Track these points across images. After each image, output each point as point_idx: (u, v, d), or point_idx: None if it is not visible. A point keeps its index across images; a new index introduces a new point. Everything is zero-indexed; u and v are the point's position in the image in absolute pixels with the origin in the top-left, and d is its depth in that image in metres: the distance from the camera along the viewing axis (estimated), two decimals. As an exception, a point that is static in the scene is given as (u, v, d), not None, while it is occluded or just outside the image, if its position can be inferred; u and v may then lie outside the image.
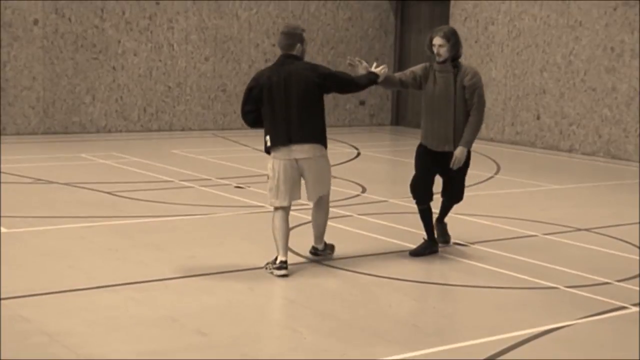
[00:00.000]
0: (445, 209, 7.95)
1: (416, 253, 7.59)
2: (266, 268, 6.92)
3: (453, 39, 7.45)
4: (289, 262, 6.93)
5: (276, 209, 6.99)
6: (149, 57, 15.97)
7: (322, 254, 7.26)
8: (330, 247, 7.37)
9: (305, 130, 6.85)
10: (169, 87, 16.26)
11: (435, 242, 7.71)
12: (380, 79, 7.26)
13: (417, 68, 7.65)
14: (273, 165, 6.94)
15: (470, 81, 7.48)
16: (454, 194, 7.79)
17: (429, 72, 7.56)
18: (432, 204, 7.67)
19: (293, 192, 6.97)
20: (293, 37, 7.00)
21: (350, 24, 18.11)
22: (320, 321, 5.82)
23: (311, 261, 7.25)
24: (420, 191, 7.60)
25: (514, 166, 13.52)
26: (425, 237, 7.70)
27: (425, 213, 7.66)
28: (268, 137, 6.91)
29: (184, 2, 16.18)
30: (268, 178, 7.02)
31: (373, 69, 7.27)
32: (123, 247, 7.52)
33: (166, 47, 16.13)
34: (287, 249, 6.94)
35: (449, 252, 7.77)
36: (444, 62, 7.48)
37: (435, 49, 7.44)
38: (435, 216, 7.81)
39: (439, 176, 7.75)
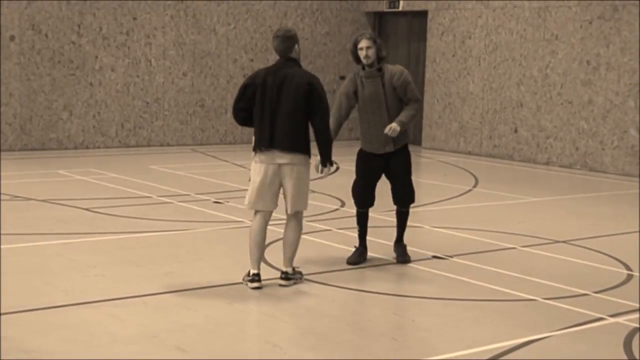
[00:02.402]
0: (401, 226, 7.98)
1: (353, 262, 7.71)
2: (243, 280, 6.92)
3: (378, 41, 7.65)
4: (269, 276, 6.91)
5: (256, 212, 6.95)
6: (126, 72, 15.93)
7: (292, 279, 7.00)
8: (300, 274, 7.12)
9: (289, 138, 6.81)
10: (147, 102, 16.22)
11: (366, 248, 7.85)
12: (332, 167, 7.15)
13: (345, 86, 7.79)
14: (255, 167, 6.90)
15: (399, 80, 7.63)
16: (401, 195, 7.86)
17: (356, 82, 7.72)
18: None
19: (275, 198, 6.93)
20: (289, 40, 6.97)
21: (329, 39, 18.17)
22: (300, 336, 5.81)
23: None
24: (360, 195, 7.82)
25: (492, 179, 13.58)
26: (357, 244, 7.86)
27: (362, 217, 7.85)
28: (254, 138, 6.89)
29: (161, 18, 16.17)
30: (250, 180, 6.97)
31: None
32: (101, 264, 7.49)
33: (144, 63, 16.11)
34: (260, 261, 6.90)
35: (427, 266, 7.79)
36: (371, 64, 7.60)
37: (363, 52, 7.56)
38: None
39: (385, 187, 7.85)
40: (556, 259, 8.24)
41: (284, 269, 7.01)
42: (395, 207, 7.99)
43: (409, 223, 8.08)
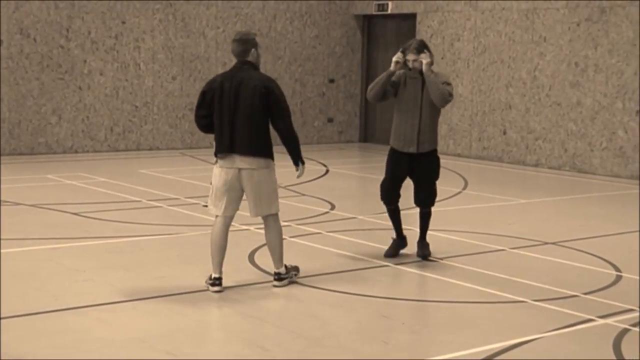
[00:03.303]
0: (424, 226, 8.17)
1: (390, 254, 8.04)
2: (205, 283, 6.93)
3: (426, 49, 7.97)
4: (259, 280, 6.90)
5: (217, 217, 6.97)
6: (115, 76, 15.90)
7: (286, 278, 7.04)
8: (295, 269, 7.18)
9: (248, 142, 6.79)
10: (136, 106, 16.19)
11: (403, 238, 8.13)
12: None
13: (395, 75, 8.00)
14: (216, 172, 6.92)
15: (438, 79, 7.89)
16: (422, 197, 8.07)
17: (401, 78, 7.98)
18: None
19: (233, 203, 6.92)
20: (246, 43, 6.92)
21: (318, 42, 18.18)
22: (291, 339, 5.81)
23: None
24: (387, 192, 8.04)
25: (482, 181, 13.60)
26: (394, 236, 8.13)
27: (393, 212, 8.10)
28: (214, 143, 6.95)
29: (150, 21, 16.15)
30: (211, 184, 6.99)
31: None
32: (91, 268, 7.47)
33: (133, 67, 16.08)
34: (221, 265, 6.90)
35: (418, 268, 7.80)
36: (420, 72, 7.89)
37: (410, 64, 7.89)
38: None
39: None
40: (545, 260, 8.26)
41: (276, 270, 7.03)
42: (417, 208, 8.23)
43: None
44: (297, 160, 6.99)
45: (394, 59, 7.88)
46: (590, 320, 6.34)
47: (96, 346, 5.53)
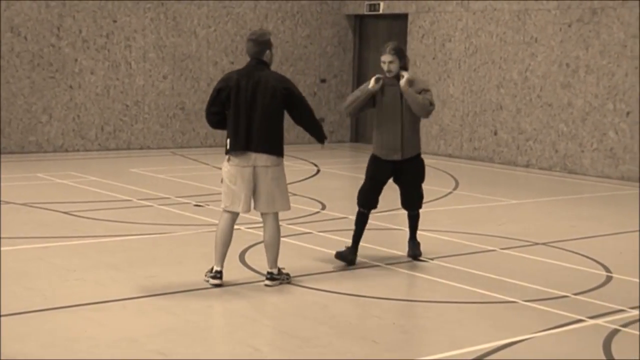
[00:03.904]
0: (413, 226, 8.13)
1: (339, 255, 7.80)
2: (205, 275, 6.96)
3: (400, 53, 7.77)
4: (251, 280, 6.90)
5: (225, 212, 7.00)
6: (106, 75, 15.87)
7: (278, 279, 7.06)
8: (287, 275, 7.17)
9: (264, 140, 6.88)
10: (127, 105, 16.17)
11: (355, 251, 7.84)
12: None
13: (372, 86, 7.86)
14: (229, 169, 6.95)
15: (416, 88, 7.74)
16: (410, 201, 8.03)
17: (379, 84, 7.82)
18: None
19: (248, 200, 6.97)
20: (261, 44, 7.00)
21: (309, 42, 18.17)
22: (281, 339, 5.81)
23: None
24: (365, 197, 7.88)
25: (473, 182, 13.62)
26: (349, 244, 7.88)
27: (360, 217, 7.89)
28: (228, 141, 6.95)
29: (141, 20, 16.12)
30: (222, 181, 7.02)
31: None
32: (81, 268, 7.45)
33: (124, 66, 16.05)
34: (223, 258, 6.96)
35: (408, 268, 7.81)
36: (395, 76, 7.75)
37: (385, 66, 7.74)
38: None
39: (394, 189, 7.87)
40: (536, 261, 8.28)
41: (269, 270, 7.04)
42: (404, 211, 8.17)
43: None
44: (322, 138, 7.30)
45: (373, 80, 7.70)
46: (581, 320, 6.35)
47: (86, 346, 5.52)
